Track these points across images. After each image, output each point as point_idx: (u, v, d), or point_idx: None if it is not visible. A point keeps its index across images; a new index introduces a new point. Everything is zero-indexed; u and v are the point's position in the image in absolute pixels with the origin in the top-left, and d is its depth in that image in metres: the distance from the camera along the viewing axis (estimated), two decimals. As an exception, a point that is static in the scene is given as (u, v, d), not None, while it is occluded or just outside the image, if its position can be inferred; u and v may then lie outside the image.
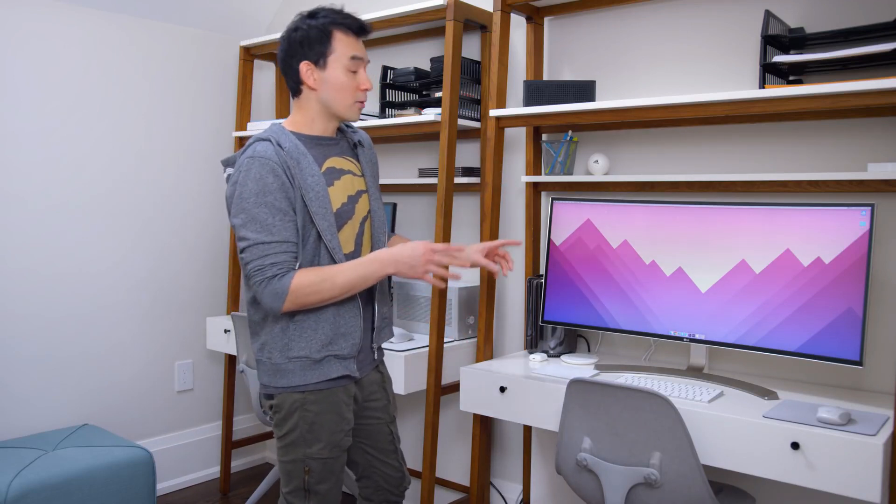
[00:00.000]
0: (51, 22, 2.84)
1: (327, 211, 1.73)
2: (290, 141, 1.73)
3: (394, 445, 1.97)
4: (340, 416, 1.78)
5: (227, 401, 3.27)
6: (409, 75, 2.76)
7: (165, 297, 3.24)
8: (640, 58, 2.39)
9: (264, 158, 1.68)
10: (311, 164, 1.73)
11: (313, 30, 1.74)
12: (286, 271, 1.68)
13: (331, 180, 1.78)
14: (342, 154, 1.85)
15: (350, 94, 1.77)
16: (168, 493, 3.25)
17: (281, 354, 1.74)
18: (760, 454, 1.70)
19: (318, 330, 1.73)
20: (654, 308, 2.15)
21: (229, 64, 3.44)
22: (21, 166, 2.78)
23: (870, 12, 1.97)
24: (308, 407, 1.74)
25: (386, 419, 1.95)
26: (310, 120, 1.80)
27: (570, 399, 1.87)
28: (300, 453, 1.75)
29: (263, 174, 1.67)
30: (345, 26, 1.76)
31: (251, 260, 1.68)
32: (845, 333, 1.84)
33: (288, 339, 1.73)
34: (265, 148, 1.70)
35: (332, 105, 1.78)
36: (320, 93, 1.77)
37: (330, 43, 1.74)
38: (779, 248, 1.95)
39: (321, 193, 1.72)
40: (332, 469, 1.78)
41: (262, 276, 1.67)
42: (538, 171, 2.56)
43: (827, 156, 2.06)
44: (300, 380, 1.74)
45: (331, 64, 1.75)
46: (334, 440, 1.77)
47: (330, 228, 1.73)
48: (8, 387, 2.76)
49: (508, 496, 2.75)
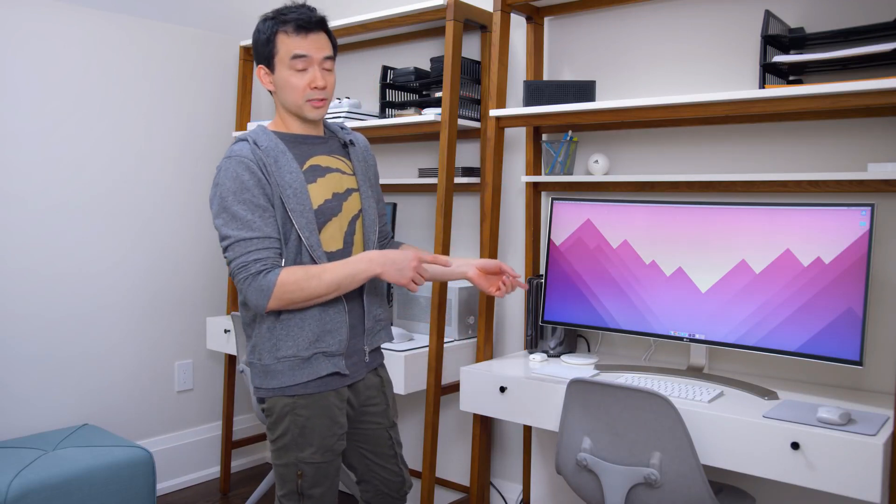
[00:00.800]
0: (51, 22, 2.84)
1: (305, 208, 1.71)
2: (270, 140, 1.74)
3: (394, 450, 1.95)
4: (332, 420, 1.77)
5: (227, 401, 3.27)
6: (409, 75, 2.76)
7: (165, 297, 3.25)
8: (640, 58, 2.39)
9: (240, 157, 1.69)
10: (290, 161, 1.73)
11: (261, 34, 1.75)
12: (271, 267, 1.66)
13: (313, 177, 1.77)
14: (330, 153, 1.85)
15: (299, 94, 1.74)
16: (168, 493, 3.25)
17: (270, 355, 1.73)
18: (760, 454, 1.70)
19: (304, 328, 1.72)
20: (654, 308, 2.15)
21: (229, 64, 3.44)
22: (21, 166, 2.78)
23: (870, 12, 1.97)
24: (298, 411, 1.73)
25: (385, 424, 1.93)
26: (283, 119, 1.82)
27: (570, 399, 1.87)
28: (292, 457, 1.74)
29: (239, 172, 1.68)
30: (287, 25, 1.73)
31: (234, 258, 1.67)
32: (845, 333, 1.84)
33: (276, 339, 1.73)
34: (241, 147, 1.71)
35: (288, 105, 1.78)
36: (277, 95, 1.79)
37: (274, 45, 1.73)
38: (779, 248, 1.95)
39: (299, 190, 1.71)
40: (326, 473, 1.77)
41: (245, 272, 1.66)
42: (538, 171, 2.56)
43: (827, 156, 2.06)
44: (290, 380, 1.73)
45: (277, 66, 1.75)
46: (326, 444, 1.76)
47: (308, 225, 1.72)
48: (8, 387, 2.76)
49: (508, 496, 2.75)
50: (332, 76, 1.80)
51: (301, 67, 1.73)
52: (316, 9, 1.78)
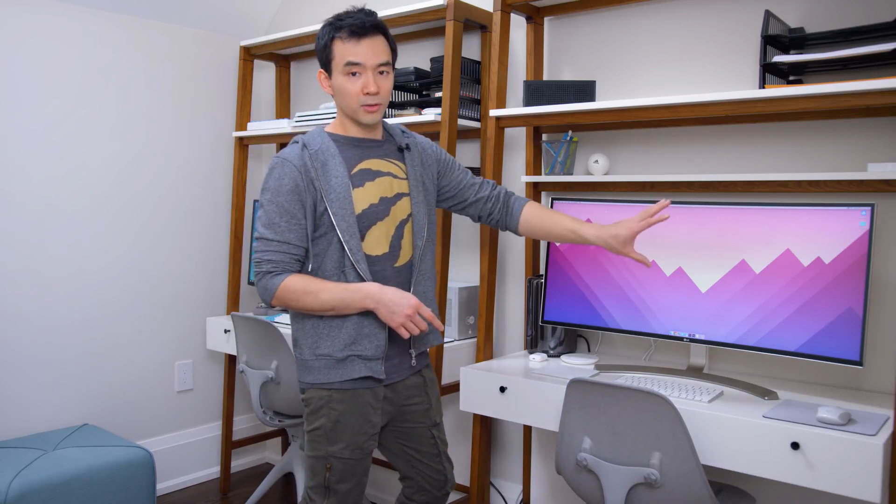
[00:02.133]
0: (51, 22, 2.84)
1: (347, 212, 1.77)
2: (323, 142, 1.80)
3: (437, 449, 1.99)
4: (365, 418, 1.81)
5: (227, 401, 3.27)
6: (409, 75, 2.76)
7: (165, 297, 3.25)
8: (640, 58, 2.39)
9: (286, 160, 1.78)
10: (339, 165, 1.79)
11: (320, 40, 1.82)
12: (281, 271, 1.78)
13: (361, 181, 1.81)
14: (384, 156, 1.88)
15: (353, 99, 1.80)
16: (168, 493, 3.25)
17: (310, 351, 1.82)
18: (760, 454, 1.70)
19: (342, 329, 1.79)
20: (654, 308, 2.15)
21: (229, 64, 3.44)
22: (21, 166, 2.78)
23: (870, 12, 1.97)
24: (333, 405, 1.79)
25: (427, 423, 1.97)
26: (342, 123, 1.88)
27: (570, 399, 1.87)
28: (323, 450, 1.80)
29: (281, 175, 1.77)
30: (341, 31, 1.77)
31: (256, 251, 1.81)
32: (845, 333, 1.84)
33: (317, 336, 1.81)
34: (291, 150, 1.80)
35: (344, 110, 1.84)
36: (336, 98, 1.85)
37: (330, 51, 1.80)
38: (779, 248, 1.95)
39: (342, 195, 1.77)
40: (354, 470, 1.82)
41: (259, 269, 1.80)
42: (538, 171, 2.56)
43: (827, 156, 2.06)
44: (325, 377, 1.80)
45: (334, 71, 1.81)
46: (357, 442, 1.80)
47: (349, 229, 1.76)
48: (8, 387, 2.76)
49: (508, 496, 2.75)
50: (388, 80, 1.83)
51: (355, 73, 1.78)
52: (375, 13, 1.81)
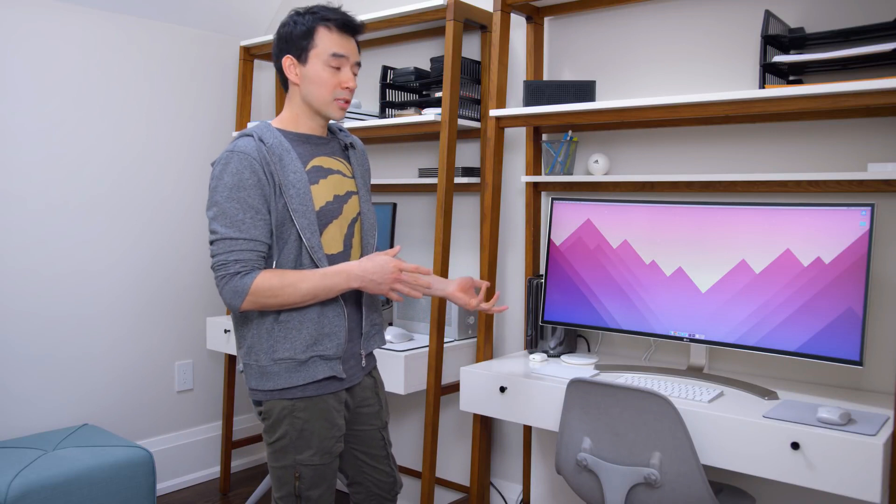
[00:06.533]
0: (51, 22, 2.84)
1: (307, 209, 1.71)
2: (275, 137, 1.73)
3: (385, 451, 1.95)
4: (331, 422, 1.76)
5: (227, 401, 3.27)
6: (409, 75, 2.76)
7: (165, 297, 3.25)
8: (640, 58, 2.39)
9: (243, 154, 1.67)
10: (294, 160, 1.72)
11: (298, 25, 1.75)
12: (250, 270, 1.66)
13: (316, 178, 1.76)
14: (332, 154, 1.84)
15: (328, 90, 1.75)
16: (168, 493, 3.25)
17: (267, 356, 1.72)
18: (760, 454, 1.70)
19: (301, 330, 1.71)
20: (654, 308, 2.15)
21: (229, 64, 3.44)
22: (21, 166, 2.78)
23: (870, 12, 1.97)
24: (297, 414, 1.73)
25: (378, 424, 1.93)
26: (295, 116, 1.80)
27: (570, 399, 1.87)
28: (290, 459, 1.74)
29: (240, 169, 1.66)
30: (330, 22, 1.75)
31: (217, 254, 1.66)
32: (845, 333, 1.84)
33: (273, 340, 1.72)
34: (246, 143, 1.69)
35: (312, 101, 1.77)
36: (301, 88, 1.77)
37: (312, 38, 1.74)
38: (779, 248, 1.95)
39: (302, 190, 1.71)
40: (324, 475, 1.77)
41: (224, 271, 1.65)
42: (538, 171, 2.56)
43: (827, 156, 2.06)
44: (286, 382, 1.72)
45: (311, 59, 1.74)
46: (325, 447, 1.75)
47: (310, 227, 1.71)
48: (8, 387, 2.76)
49: (508, 496, 2.75)
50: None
51: (337, 66, 1.75)
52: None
